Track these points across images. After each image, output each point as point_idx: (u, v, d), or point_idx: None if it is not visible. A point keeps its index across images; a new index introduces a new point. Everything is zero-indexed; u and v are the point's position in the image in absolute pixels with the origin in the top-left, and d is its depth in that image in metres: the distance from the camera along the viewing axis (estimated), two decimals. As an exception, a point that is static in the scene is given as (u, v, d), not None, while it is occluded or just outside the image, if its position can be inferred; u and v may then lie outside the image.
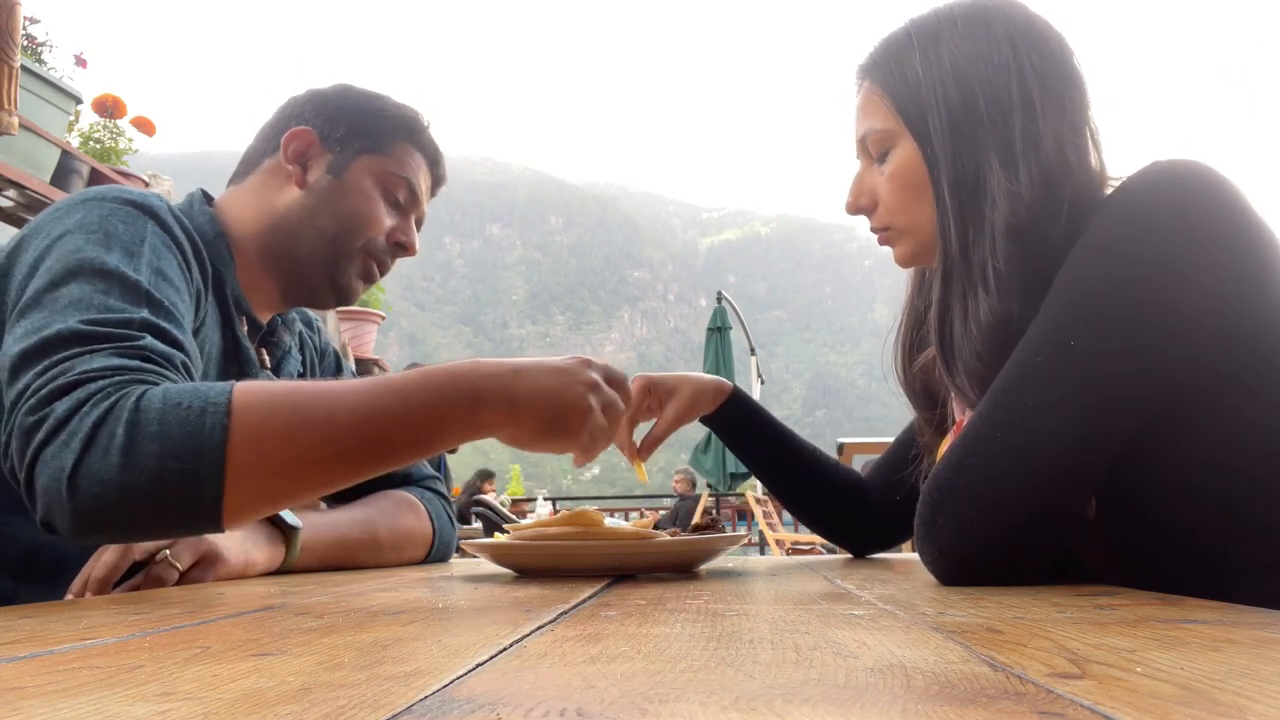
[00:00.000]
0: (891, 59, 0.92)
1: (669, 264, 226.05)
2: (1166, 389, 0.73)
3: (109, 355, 0.76)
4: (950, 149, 0.87)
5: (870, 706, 0.27)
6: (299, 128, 1.12)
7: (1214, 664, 0.34)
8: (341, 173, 1.12)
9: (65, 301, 0.81)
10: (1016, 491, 0.72)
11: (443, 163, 1.22)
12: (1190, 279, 0.71)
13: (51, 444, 0.70)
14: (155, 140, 2.52)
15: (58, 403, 0.71)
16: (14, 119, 1.70)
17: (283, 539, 1.01)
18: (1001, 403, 0.74)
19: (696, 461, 7.97)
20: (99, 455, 0.68)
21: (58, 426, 0.70)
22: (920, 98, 0.89)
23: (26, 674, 0.36)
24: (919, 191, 0.90)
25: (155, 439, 0.68)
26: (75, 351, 0.75)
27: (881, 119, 0.92)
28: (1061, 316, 0.74)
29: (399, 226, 1.16)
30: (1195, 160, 0.75)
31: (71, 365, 0.74)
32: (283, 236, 1.10)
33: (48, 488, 0.69)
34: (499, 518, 5.37)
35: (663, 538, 0.88)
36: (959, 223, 0.86)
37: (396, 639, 0.44)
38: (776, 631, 0.45)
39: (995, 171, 0.84)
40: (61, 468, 0.68)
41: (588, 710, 0.27)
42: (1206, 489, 0.74)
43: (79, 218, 0.89)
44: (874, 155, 0.95)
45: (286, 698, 0.30)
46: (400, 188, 1.14)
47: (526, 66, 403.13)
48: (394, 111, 1.15)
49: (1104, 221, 0.75)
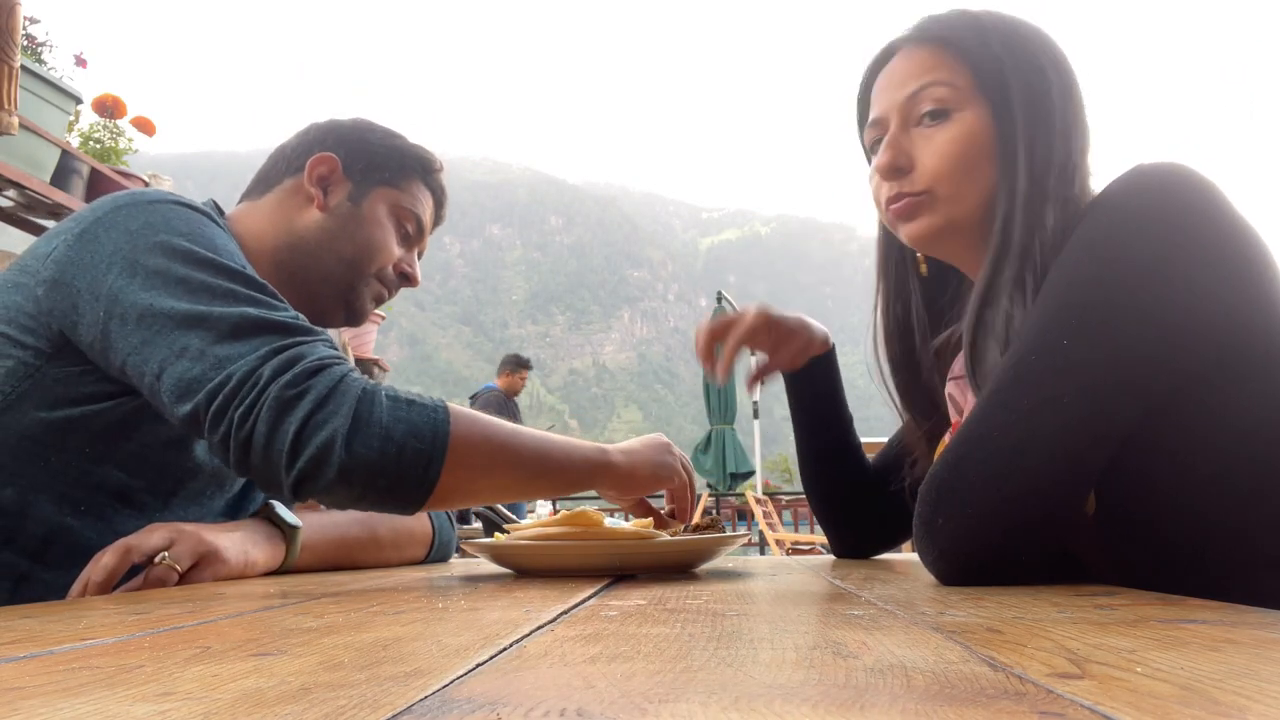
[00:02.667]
0: (961, 25, 0.90)
1: (669, 264, 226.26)
2: (1159, 386, 0.73)
3: (327, 345, 0.88)
4: (1029, 132, 0.85)
5: (870, 706, 0.27)
6: (325, 153, 1.16)
7: (1214, 664, 0.34)
8: (360, 201, 1.17)
9: (221, 292, 0.88)
10: (1014, 491, 0.72)
11: (446, 205, 1.29)
12: (1175, 279, 0.71)
13: (320, 413, 0.81)
14: (155, 140, 2.52)
15: (314, 380, 0.83)
16: (14, 119, 1.70)
17: (283, 538, 1.01)
18: (996, 403, 0.75)
19: (696, 461, 7.98)
20: (364, 427, 0.82)
21: (322, 400, 0.82)
22: (1003, 72, 0.87)
23: (26, 674, 0.36)
24: (977, 163, 0.87)
25: (404, 421, 0.84)
26: (297, 340, 0.87)
27: (950, 74, 0.88)
28: (1052, 317, 0.74)
29: (404, 258, 1.22)
30: (1177, 163, 0.76)
31: (301, 350, 0.85)
32: (301, 255, 1.14)
33: (317, 453, 0.80)
34: (499, 518, 5.38)
35: (663, 538, 0.88)
36: (1029, 211, 0.83)
37: (396, 639, 0.44)
38: (776, 631, 0.45)
39: (1058, 174, 0.84)
40: (334, 433, 0.81)
41: (588, 710, 0.27)
42: (1199, 486, 0.74)
43: (161, 218, 0.93)
44: (926, 111, 0.89)
45: (286, 698, 0.30)
46: (410, 221, 1.20)
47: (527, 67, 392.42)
48: (411, 151, 1.21)
49: (1090, 224, 0.76)
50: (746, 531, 1.69)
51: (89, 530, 0.92)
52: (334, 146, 1.17)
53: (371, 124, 1.23)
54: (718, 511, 9.08)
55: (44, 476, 0.92)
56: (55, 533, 0.92)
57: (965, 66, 0.88)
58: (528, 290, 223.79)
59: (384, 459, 0.82)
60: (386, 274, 1.19)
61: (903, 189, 0.91)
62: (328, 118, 1.24)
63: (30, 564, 0.91)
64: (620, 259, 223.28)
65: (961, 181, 0.88)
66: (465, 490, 0.88)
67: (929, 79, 0.89)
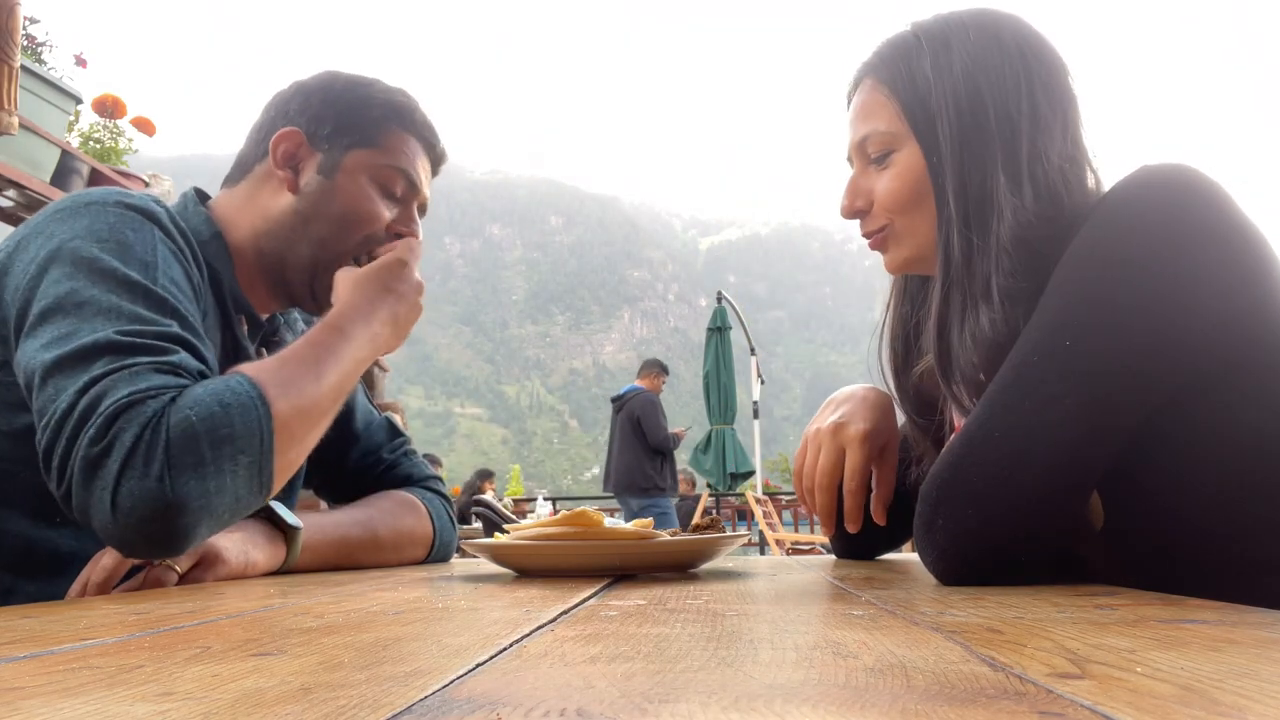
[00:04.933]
0: (899, 60, 0.91)
1: (669, 264, 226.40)
2: (1161, 390, 0.73)
3: (150, 372, 0.79)
4: (957, 158, 0.86)
5: (870, 706, 0.27)
6: (286, 129, 1.09)
7: (1214, 664, 0.34)
8: (333, 172, 1.08)
9: (93, 310, 0.82)
10: (1014, 491, 0.72)
11: (439, 140, 1.17)
12: (1179, 282, 0.71)
13: (129, 475, 0.73)
14: (155, 140, 2.52)
15: (118, 427, 0.74)
16: (14, 119, 1.70)
17: (283, 539, 1.00)
18: (998, 404, 0.75)
19: (696, 461, 7.97)
20: (183, 470, 0.74)
21: (130, 454, 0.74)
22: (929, 103, 0.88)
23: (26, 674, 0.36)
24: (920, 197, 0.90)
25: (228, 440, 0.77)
26: (115, 367, 0.78)
27: (886, 121, 0.91)
28: (1055, 319, 0.74)
29: (399, 218, 1.12)
30: (1183, 164, 0.76)
31: (115, 384, 0.77)
32: (277, 243, 1.08)
33: (143, 520, 0.73)
34: (499, 518, 5.38)
35: (663, 538, 0.87)
36: (963, 234, 0.86)
37: (396, 639, 0.44)
38: (776, 631, 0.45)
39: (1001, 185, 0.84)
40: (156, 495, 0.73)
41: (588, 710, 0.27)
42: (1204, 488, 0.74)
43: (86, 224, 0.89)
44: (873, 157, 0.94)
45: (286, 698, 0.30)
46: (396, 180, 1.11)
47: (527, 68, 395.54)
48: (380, 99, 1.11)
49: (1094, 226, 0.76)
50: (746, 531, 1.69)
51: (67, 539, 0.91)
52: (296, 116, 1.09)
53: (334, 77, 1.13)
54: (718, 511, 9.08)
55: (12, 490, 0.90)
56: (32, 545, 0.91)
57: (897, 104, 0.90)
58: (528, 290, 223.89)
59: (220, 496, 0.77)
60: (377, 241, 1.09)
61: (867, 228, 0.97)
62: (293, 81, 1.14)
63: (13, 578, 0.91)
64: (620, 259, 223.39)
65: (910, 215, 0.92)
66: (299, 455, 0.86)
67: (869, 127, 0.93)
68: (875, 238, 0.96)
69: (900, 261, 0.96)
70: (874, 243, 0.97)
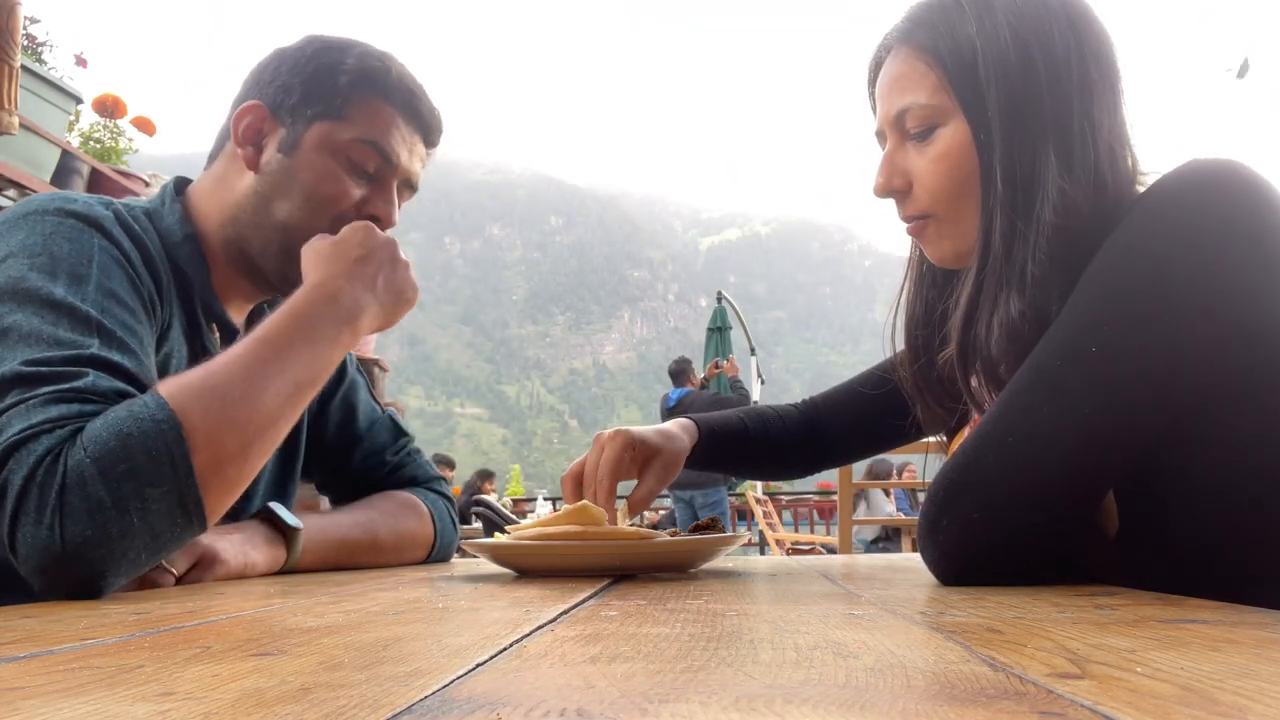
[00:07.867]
0: (940, 24, 0.83)
1: (669, 264, 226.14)
2: (1185, 397, 0.70)
3: (46, 404, 0.73)
4: (1007, 134, 0.79)
5: (870, 706, 0.27)
6: (250, 102, 1.00)
7: (1214, 664, 0.34)
8: (294, 148, 0.99)
9: (14, 338, 0.78)
10: (1023, 495, 0.71)
11: (425, 102, 1.05)
12: (1217, 291, 0.68)
13: (23, 521, 0.69)
14: (155, 140, 2.52)
15: (10, 471, 0.70)
16: (14, 119, 1.70)
17: (283, 540, 1.00)
18: (1016, 406, 0.72)
19: (696, 461, 7.95)
20: (79, 522, 0.68)
21: (21, 498, 0.69)
22: (976, 70, 0.80)
23: (26, 674, 0.36)
24: (967, 178, 0.83)
25: (126, 478, 0.70)
26: (15, 401, 0.73)
27: (927, 93, 0.83)
28: (1083, 320, 0.71)
29: (373, 199, 1.02)
30: (1233, 160, 0.72)
31: (10, 421, 0.72)
32: (240, 228, 1.01)
33: (41, 569, 0.70)
34: (499, 518, 5.37)
35: (663, 538, 0.88)
36: (1008, 218, 0.79)
37: (396, 639, 0.44)
38: (776, 631, 0.45)
39: (1051, 165, 0.78)
40: (48, 544, 0.68)
41: (588, 710, 0.27)
42: (1225, 497, 0.72)
43: (20, 238, 0.85)
44: (913, 133, 0.85)
45: (286, 698, 0.30)
46: (367, 154, 1.00)
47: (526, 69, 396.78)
48: (350, 65, 1.00)
49: (1136, 221, 0.72)
50: (746, 531, 1.69)
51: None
52: (265, 88, 1.01)
53: (310, 42, 1.03)
54: (718, 511, 9.07)
55: None
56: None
57: (941, 74, 0.83)
58: (528, 290, 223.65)
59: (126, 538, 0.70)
60: (347, 221, 0.98)
61: (906, 211, 0.89)
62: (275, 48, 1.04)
63: None
64: (620, 259, 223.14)
65: (956, 200, 0.84)
66: (241, 472, 0.78)
67: (908, 100, 0.85)
68: (915, 224, 0.88)
69: (950, 255, 0.88)
70: (913, 229, 0.89)
